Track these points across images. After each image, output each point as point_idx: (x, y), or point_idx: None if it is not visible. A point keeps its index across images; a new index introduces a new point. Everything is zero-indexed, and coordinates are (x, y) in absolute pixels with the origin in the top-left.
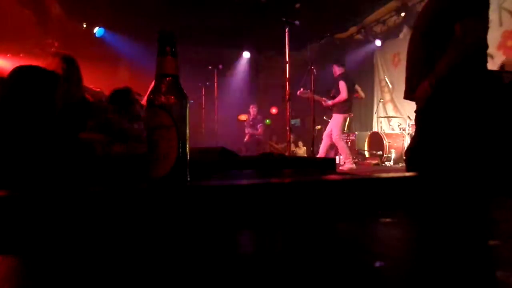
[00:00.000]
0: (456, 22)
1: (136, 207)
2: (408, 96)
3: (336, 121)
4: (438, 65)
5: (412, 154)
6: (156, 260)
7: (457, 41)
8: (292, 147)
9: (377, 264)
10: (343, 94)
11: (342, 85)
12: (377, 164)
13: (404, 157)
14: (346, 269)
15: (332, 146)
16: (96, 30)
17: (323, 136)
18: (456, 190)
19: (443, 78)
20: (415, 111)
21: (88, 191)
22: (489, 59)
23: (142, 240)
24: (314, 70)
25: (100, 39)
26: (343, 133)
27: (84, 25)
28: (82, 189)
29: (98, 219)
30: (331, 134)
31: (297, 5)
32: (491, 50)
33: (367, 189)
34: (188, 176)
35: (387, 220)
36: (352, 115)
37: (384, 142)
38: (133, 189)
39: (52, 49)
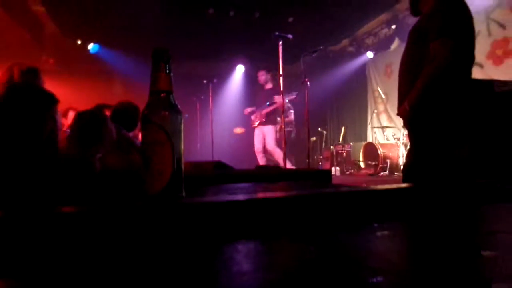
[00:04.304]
0: (431, 42)
1: (132, 225)
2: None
3: (272, 133)
4: (415, 85)
5: (409, 175)
6: (151, 277)
7: (428, 62)
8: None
9: (375, 279)
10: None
11: (278, 97)
12: (372, 174)
13: (402, 174)
14: (343, 285)
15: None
16: (91, 46)
17: (257, 153)
18: (450, 200)
19: (421, 96)
20: (402, 126)
21: (82, 210)
22: (479, 68)
23: (137, 258)
24: (308, 83)
25: (95, 56)
26: (339, 143)
27: (79, 42)
28: (76, 208)
29: (93, 238)
30: (264, 148)
31: (290, 19)
32: (480, 59)
33: (363, 201)
34: (184, 192)
35: (383, 232)
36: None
37: (379, 152)
38: (128, 206)
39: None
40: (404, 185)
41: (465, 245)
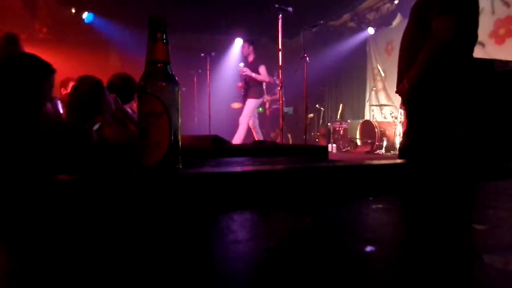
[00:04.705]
0: (433, 19)
1: (128, 195)
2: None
3: (250, 105)
4: (415, 63)
5: (405, 153)
6: (147, 247)
7: (430, 39)
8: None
9: (368, 249)
10: (266, 77)
11: (263, 69)
12: (368, 152)
13: (398, 152)
14: (337, 254)
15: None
16: (86, 15)
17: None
18: (444, 176)
19: (421, 74)
20: (400, 106)
21: (79, 179)
22: (480, 47)
23: (133, 228)
24: (307, 58)
25: (90, 25)
26: (337, 121)
27: (73, 10)
28: (73, 177)
29: (89, 207)
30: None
31: None
32: (483, 38)
33: (359, 175)
34: (180, 164)
35: (378, 206)
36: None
37: (376, 130)
38: (125, 177)
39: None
40: (399, 161)
41: (458, 218)
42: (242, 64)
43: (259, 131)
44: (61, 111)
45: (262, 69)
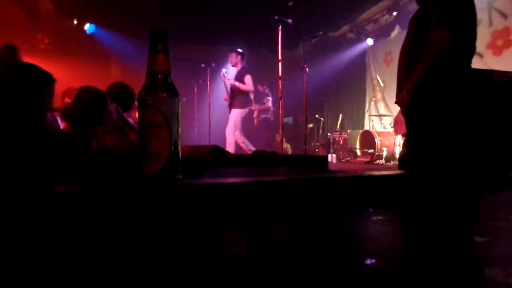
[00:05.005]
0: (431, 30)
1: (128, 206)
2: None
3: (234, 116)
4: (414, 74)
5: (405, 163)
6: (146, 258)
7: (428, 49)
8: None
9: (369, 261)
10: (251, 87)
11: (248, 78)
12: (368, 162)
13: (398, 163)
14: (339, 266)
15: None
16: (87, 26)
17: (227, 135)
18: (444, 187)
19: (420, 84)
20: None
21: (77, 190)
22: (478, 58)
23: (133, 239)
24: (307, 68)
25: (91, 36)
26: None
27: (75, 22)
28: (71, 188)
29: (88, 218)
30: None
31: (290, 3)
32: (480, 49)
33: (358, 186)
34: (180, 175)
35: (378, 217)
36: (247, 110)
37: (376, 140)
38: (125, 188)
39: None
40: (399, 171)
41: (459, 230)
42: (224, 70)
43: (245, 140)
44: (61, 125)
45: (248, 78)
